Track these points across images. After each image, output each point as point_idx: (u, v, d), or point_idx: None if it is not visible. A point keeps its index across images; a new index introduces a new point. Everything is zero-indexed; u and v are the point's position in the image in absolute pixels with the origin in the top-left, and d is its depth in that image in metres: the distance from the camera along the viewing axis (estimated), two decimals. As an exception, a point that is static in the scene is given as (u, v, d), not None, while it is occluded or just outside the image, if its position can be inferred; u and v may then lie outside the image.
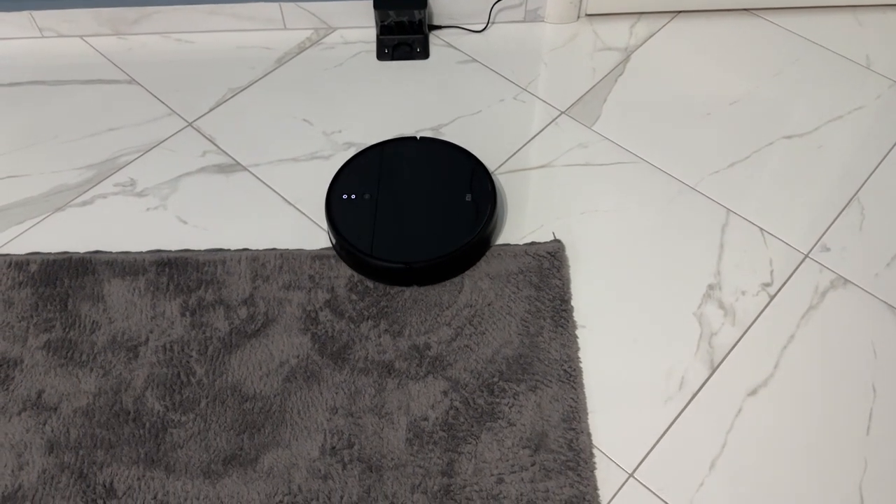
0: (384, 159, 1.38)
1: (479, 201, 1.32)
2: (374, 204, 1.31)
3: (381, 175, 1.35)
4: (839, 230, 1.35)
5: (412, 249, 1.26)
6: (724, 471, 1.10)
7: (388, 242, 1.27)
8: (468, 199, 1.32)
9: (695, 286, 1.28)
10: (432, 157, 1.39)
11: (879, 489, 1.08)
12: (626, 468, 1.10)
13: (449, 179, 1.35)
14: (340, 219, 1.29)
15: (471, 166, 1.37)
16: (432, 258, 1.25)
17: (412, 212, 1.31)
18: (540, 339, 1.22)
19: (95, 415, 1.13)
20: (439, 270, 1.27)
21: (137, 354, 1.19)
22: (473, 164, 1.38)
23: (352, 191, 1.33)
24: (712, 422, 1.14)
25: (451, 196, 1.33)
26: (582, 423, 1.14)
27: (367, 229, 1.28)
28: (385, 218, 1.30)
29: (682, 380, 1.18)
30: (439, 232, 1.28)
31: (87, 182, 1.41)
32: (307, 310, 1.24)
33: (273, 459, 1.09)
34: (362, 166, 1.37)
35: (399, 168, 1.37)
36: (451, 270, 1.28)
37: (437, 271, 1.27)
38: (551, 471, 1.09)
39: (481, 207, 1.31)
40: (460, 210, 1.31)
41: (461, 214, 1.30)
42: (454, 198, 1.33)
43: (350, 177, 1.36)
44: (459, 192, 1.33)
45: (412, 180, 1.35)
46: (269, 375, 1.17)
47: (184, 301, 1.25)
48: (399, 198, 1.32)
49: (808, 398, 1.16)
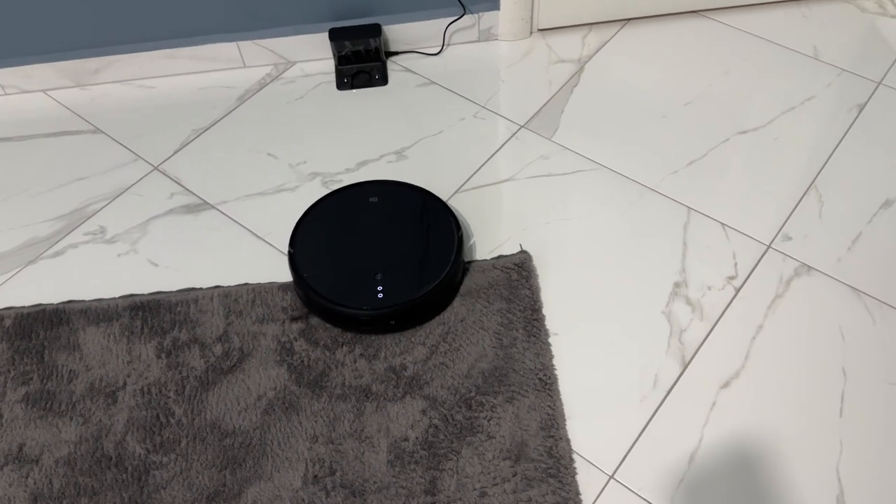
0: (341, 209, 1.35)
1: (442, 243, 1.30)
2: (336, 260, 1.29)
3: (340, 228, 1.33)
4: (799, 219, 1.38)
5: (377, 298, 1.24)
6: (703, 464, 1.11)
7: (354, 294, 1.24)
8: (428, 243, 1.30)
9: (661, 285, 1.30)
10: (389, 202, 1.36)
11: (856, 470, 1.09)
12: (607, 470, 1.11)
13: (409, 223, 1.33)
14: (308, 281, 1.26)
15: (431, 205, 1.36)
16: (397, 304, 1.23)
17: (376, 261, 1.28)
18: (514, 351, 1.24)
19: (77, 463, 1.13)
20: (411, 315, 1.26)
21: (116, 400, 1.20)
22: (433, 204, 1.36)
23: (311, 257, 1.29)
24: (688, 417, 1.16)
25: (412, 240, 1.31)
26: (560, 430, 1.15)
27: (334, 284, 1.25)
28: (349, 270, 1.27)
29: (656, 378, 1.20)
30: (408, 276, 1.26)
31: (58, 233, 1.42)
32: (282, 341, 1.25)
33: (256, 493, 1.10)
34: (320, 219, 1.34)
35: (357, 217, 1.34)
36: (424, 315, 1.27)
37: (409, 316, 1.26)
38: (533, 479, 1.10)
39: (444, 249, 1.29)
40: (425, 253, 1.29)
41: (426, 257, 1.29)
42: (416, 241, 1.31)
43: (308, 238, 1.32)
44: (420, 235, 1.32)
45: (372, 229, 1.33)
46: (247, 410, 1.18)
47: (159, 343, 1.26)
48: (362, 248, 1.30)
49: (780, 386, 1.18)
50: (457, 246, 1.29)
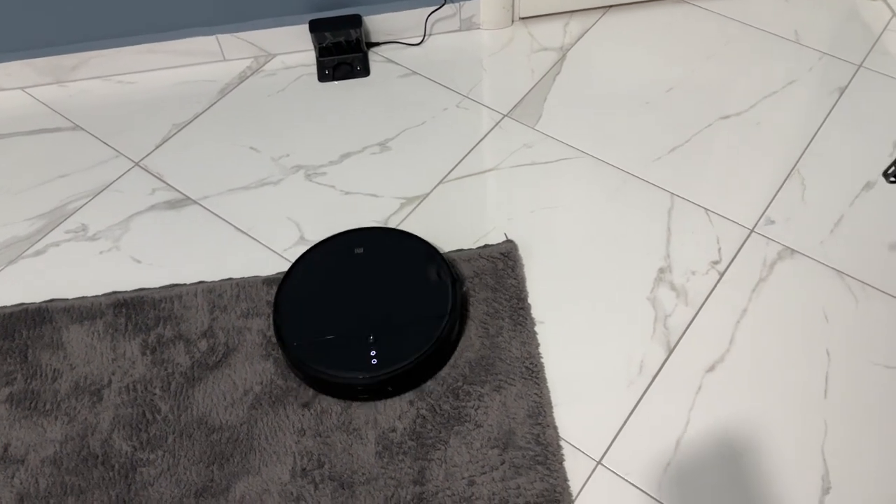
0: (324, 265, 1.26)
1: (435, 294, 1.21)
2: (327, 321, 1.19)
3: (325, 286, 1.23)
4: (782, 202, 1.38)
5: (371, 365, 1.15)
6: (689, 448, 1.12)
7: (345, 361, 1.15)
8: (421, 296, 1.21)
9: (646, 271, 1.30)
10: (375, 252, 1.27)
11: (840, 450, 1.10)
12: (594, 456, 1.12)
13: (398, 274, 1.24)
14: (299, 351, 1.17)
15: (421, 253, 1.27)
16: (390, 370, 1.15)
17: (367, 321, 1.19)
18: (500, 340, 1.24)
19: (63, 462, 1.13)
20: (409, 379, 1.18)
21: (101, 398, 1.19)
22: (422, 251, 1.27)
23: (301, 320, 1.20)
24: (674, 402, 1.16)
25: (404, 294, 1.22)
26: (548, 418, 1.16)
27: (325, 352, 1.16)
28: (339, 334, 1.18)
29: (642, 364, 1.20)
30: (403, 336, 1.17)
31: (39, 232, 1.41)
32: (267, 335, 1.25)
33: (245, 487, 1.10)
34: (303, 279, 1.24)
35: (342, 273, 1.24)
36: (423, 376, 1.19)
37: (407, 380, 1.18)
38: (521, 467, 1.11)
39: (439, 301, 1.20)
40: (418, 307, 1.20)
41: (420, 312, 1.19)
42: (408, 295, 1.22)
43: (294, 302, 1.22)
44: (411, 287, 1.22)
45: (360, 285, 1.23)
46: (234, 405, 1.18)
47: (143, 340, 1.25)
48: (351, 308, 1.20)
49: (765, 369, 1.19)
50: (452, 297, 1.21)
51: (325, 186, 1.45)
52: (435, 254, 1.27)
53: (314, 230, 1.38)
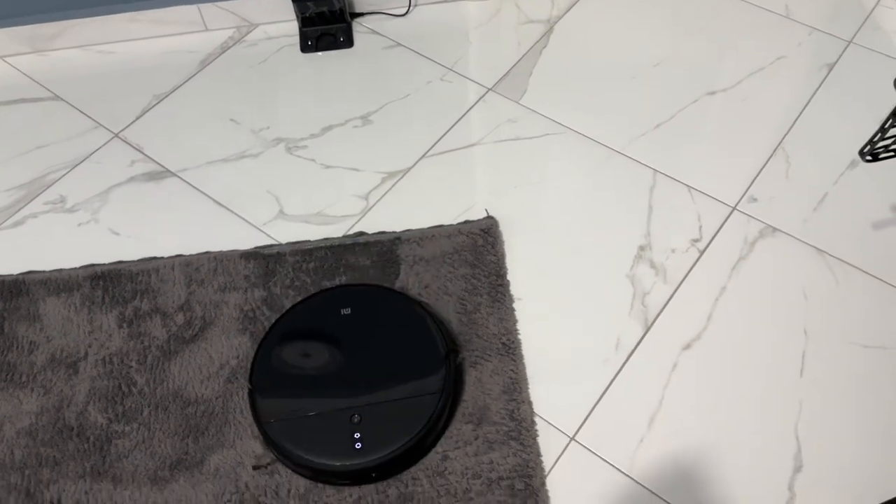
0: (308, 326, 1.16)
1: (428, 365, 1.12)
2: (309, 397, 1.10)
3: (308, 352, 1.13)
4: (766, 180, 1.37)
5: (354, 450, 1.06)
6: (662, 425, 1.12)
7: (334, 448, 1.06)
8: (413, 367, 1.11)
9: (626, 249, 1.30)
10: (364, 313, 1.17)
11: (814, 429, 1.11)
12: (568, 432, 1.12)
13: (389, 342, 1.14)
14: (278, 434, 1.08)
15: (414, 316, 1.16)
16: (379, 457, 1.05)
17: (352, 397, 1.09)
18: (478, 316, 1.23)
19: (39, 434, 1.13)
20: (396, 466, 1.09)
21: (77, 370, 1.19)
22: (416, 313, 1.17)
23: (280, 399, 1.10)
24: (649, 379, 1.16)
25: (394, 366, 1.12)
26: (523, 394, 1.16)
27: (304, 432, 1.07)
28: (320, 412, 1.08)
29: (618, 341, 1.20)
30: (391, 416, 1.08)
31: (17, 203, 1.40)
32: (244, 309, 1.25)
33: (219, 460, 1.10)
34: (284, 341, 1.15)
35: (327, 337, 1.15)
36: (410, 460, 1.09)
37: (394, 467, 1.09)
38: (494, 442, 1.11)
39: (432, 374, 1.11)
40: (409, 382, 1.10)
41: (411, 387, 1.10)
42: (399, 367, 1.12)
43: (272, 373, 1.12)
44: (403, 358, 1.13)
45: (346, 353, 1.13)
46: (210, 378, 1.18)
47: (120, 313, 1.25)
48: (335, 380, 1.11)
49: (742, 347, 1.19)
50: (446, 371, 1.11)
51: (306, 160, 1.44)
52: (429, 319, 1.16)
53: (294, 204, 1.37)
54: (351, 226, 1.35)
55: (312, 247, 1.31)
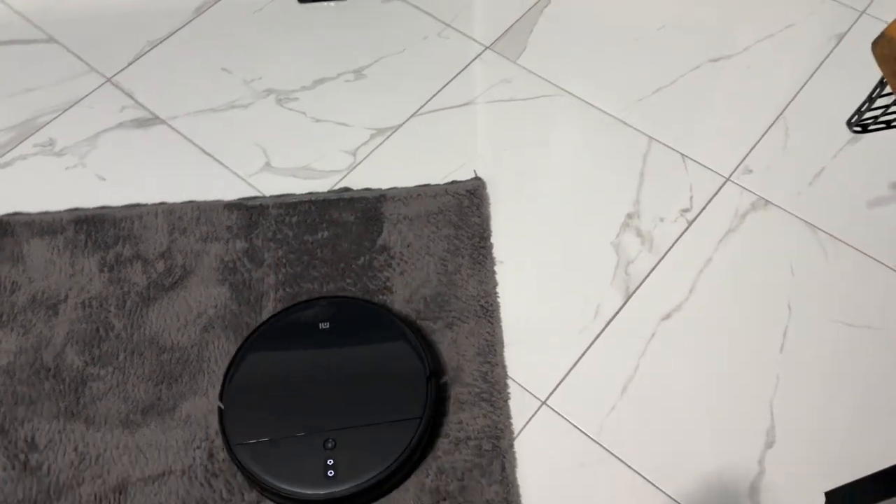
0: (284, 340, 1.10)
1: (410, 389, 1.05)
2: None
3: (282, 369, 1.08)
4: (763, 151, 1.34)
5: (327, 477, 1.00)
6: (635, 394, 1.11)
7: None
8: (393, 389, 1.05)
9: (613, 216, 1.27)
10: (343, 328, 1.10)
11: (790, 405, 1.09)
12: (540, 396, 1.11)
13: (368, 360, 1.08)
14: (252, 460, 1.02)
15: (396, 333, 1.10)
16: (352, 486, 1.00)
17: (326, 420, 1.04)
18: (458, 277, 1.22)
19: (16, 373, 1.14)
20: (371, 494, 1.03)
21: (57, 312, 1.20)
22: (399, 330, 1.10)
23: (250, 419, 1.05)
24: (625, 348, 1.15)
25: (373, 386, 1.06)
26: (497, 357, 1.15)
27: (275, 457, 1.01)
28: (293, 436, 1.03)
29: (598, 308, 1.19)
30: (368, 443, 1.02)
31: (7, 144, 1.40)
32: (225, 260, 1.24)
33: (191, 407, 1.11)
34: (258, 356, 1.09)
35: (303, 354, 1.09)
36: (388, 489, 1.04)
37: (369, 496, 1.03)
38: (465, 403, 1.11)
39: (413, 399, 1.05)
40: (388, 405, 1.04)
41: (391, 411, 1.04)
42: (378, 388, 1.06)
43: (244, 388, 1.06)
44: (382, 378, 1.06)
45: (322, 371, 1.07)
46: (186, 326, 1.18)
47: (102, 257, 1.25)
48: (309, 401, 1.05)
49: (723, 319, 1.17)
50: (427, 395, 1.05)
51: (296, 112, 1.42)
52: (412, 336, 1.10)
53: (281, 157, 1.36)
54: (337, 181, 1.33)
55: (297, 200, 1.30)
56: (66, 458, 1.07)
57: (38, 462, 1.07)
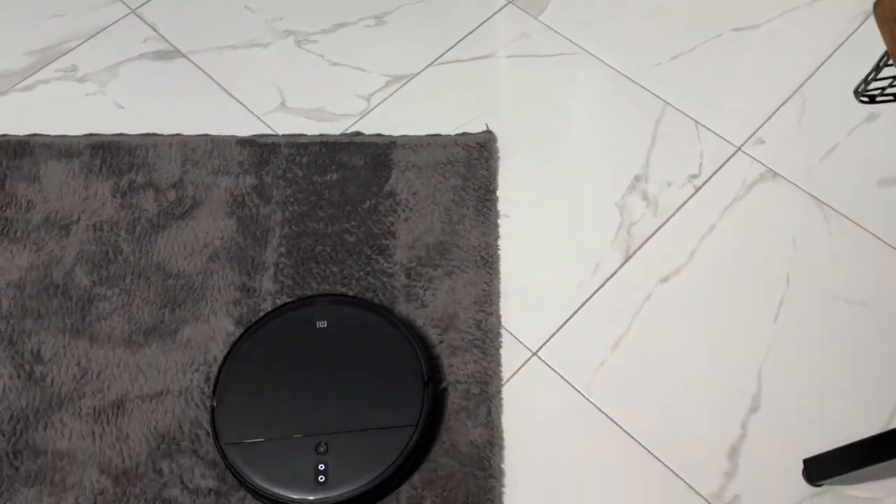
0: (280, 338, 1.08)
1: (406, 394, 1.03)
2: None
3: (277, 368, 1.05)
4: (777, 124, 1.33)
5: (317, 483, 0.98)
6: (626, 352, 1.12)
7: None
8: (389, 393, 1.03)
9: (621, 177, 1.28)
10: (341, 328, 1.08)
11: (778, 374, 1.10)
12: (531, 347, 1.13)
13: (364, 362, 1.05)
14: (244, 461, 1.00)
15: (394, 335, 1.08)
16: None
17: (320, 422, 1.01)
18: (461, 227, 1.24)
19: (27, 288, 1.18)
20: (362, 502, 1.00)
21: (69, 232, 1.23)
22: (396, 333, 1.08)
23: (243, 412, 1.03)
24: (620, 306, 1.16)
25: (368, 390, 1.04)
26: (493, 306, 1.17)
27: (265, 459, 0.99)
28: (285, 438, 1.00)
29: (597, 266, 1.20)
30: (361, 448, 1.00)
31: (30, 68, 1.43)
32: (234, 194, 1.27)
33: (191, 332, 1.14)
34: (254, 354, 1.07)
35: (299, 352, 1.06)
36: (380, 495, 1.01)
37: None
38: (458, 349, 1.13)
39: (409, 405, 1.02)
40: (383, 410, 1.02)
41: (385, 417, 1.01)
42: (373, 391, 1.04)
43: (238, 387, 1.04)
44: (378, 381, 1.04)
45: (317, 371, 1.05)
46: (193, 255, 1.21)
47: (115, 183, 1.28)
48: (303, 402, 1.03)
49: (720, 286, 1.17)
50: (423, 402, 1.03)
51: (314, 55, 1.43)
52: (411, 340, 1.07)
53: (296, 98, 1.37)
54: (349, 125, 1.35)
55: (308, 141, 1.32)
56: (68, 371, 1.11)
57: (43, 373, 1.11)
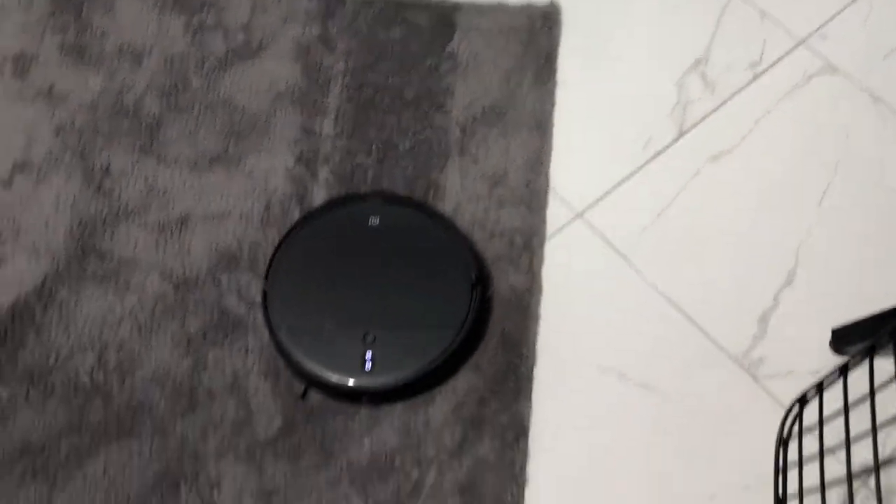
0: (332, 232, 1.09)
1: (454, 295, 1.04)
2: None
3: (328, 260, 1.07)
4: (843, 21, 1.31)
5: (364, 370, 1.01)
6: (667, 221, 1.16)
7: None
8: (436, 293, 1.05)
9: (682, 58, 1.28)
10: (393, 227, 1.09)
11: (816, 254, 1.13)
12: (577, 209, 1.17)
13: (414, 261, 1.07)
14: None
15: (446, 239, 1.09)
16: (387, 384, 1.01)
17: (368, 313, 1.04)
18: (518, 92, 1.26)
19: (99, 109, 1.23)
20: (406, 392, 1.03)
21: (140, 63, 1.28)
22: (449, 237, 1.09)
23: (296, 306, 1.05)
24: (668, 180, 1.19)
25: (416, 287, 1.06)
26: (543, 167, 1.20)
27: (314, 342, 1.02)
28: (334, 324, 1.03)
29: (649, 139, 1.22)
30: (407, 340, 1.02)
31: None
32: (300, 42, 1.30)
33: (254, 163, 1.19)
34: (306, 245, 1.08)
35: (351, 247, 1.08)
36: (424, 387, 1.04)
37: (404, 393, 1.04)
38: (505, 203, 1.17)
39: (456, 305, 1.04)
40: (430, 307, 1.04)
41: (432, 314, 1.04)
42: (421, 289, 1.06)
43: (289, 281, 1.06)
44: (427, 280, 1.06)
45: (368, 266, 1.07)
46: (258, 95, 1.25)
47: (187, 20, 1.31)
48: (352, 293, 1.05)
49: (768, 169, 1.19)
50: (469, 305, 1.04)
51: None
52: (462, 244, 1.09)
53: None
54: (417, -13, 1.36)
55: (375, -3, 1.35)
56: (136, 187, 1.17)
57: (111, 187, 1.17)
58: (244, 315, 1.08)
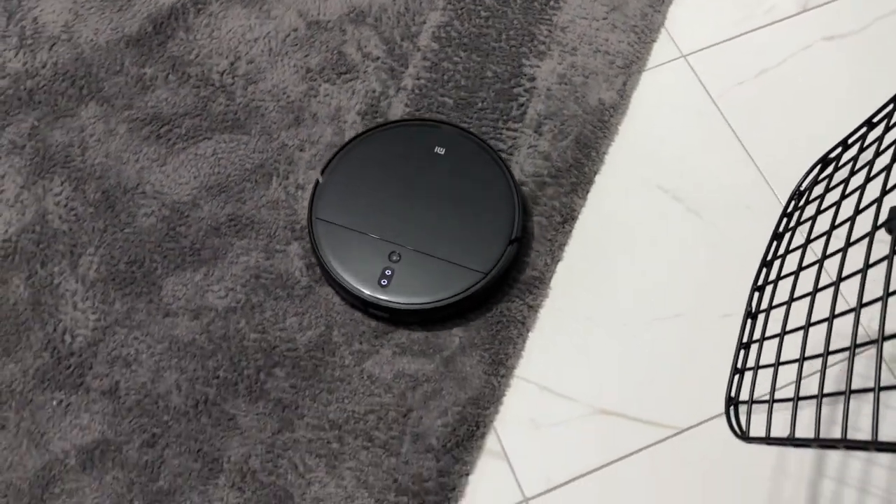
0: (397, 150, 1.11)
1: (490, 245, 1.05)
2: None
3: (385, 175, 1.09)
4: None
5: (378, 285, 1.02)
6: (767, 82, 1.20)
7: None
8: (474, 237, 1.05)
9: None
10: (457, 162, 1.10)
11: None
12: (683, 51, 1.23)
13: (464, 199, 1.08)
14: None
15: (504, 190, 1.08)
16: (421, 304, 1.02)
17: (403, 234, 1.05)
18: (659, -63, 1.31)
19: None
20: (413, 319, 1.05)
21: None
22: (507, 189, 1.08)
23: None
24: (778, 46, 1.23)
25: (459, 225, 1.06)
26: (664, 4, 1.26)
27: (342, 244, 1.05)
28: (368, 234, 1.05)
29: (773, 6, 1.25)
30: (429, 272, 1.03)
31: None
32: None
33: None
34: (367, 155, 1.10)
35: (410, 169, 1.09)
36: (435, 320, 1.05)
37: (410, 319, 1.05)
38: (618, 27, 1.24)
39: (488, 254, 1.04)
40: (464, 250, 1.04)
41: (463, 256, 1.04)
42: (462, 229, 1.06)
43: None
44: (470, 221, 1.06)
45: (420, 192, 1.08)
46: None
47: None
48: (396, 211, 1.07)
49: (881, 58, 1.21)
50: (500, 257, 1.04)
51: None
52: (515, 197, 1.08)
53: None
54: None
55: None
56: None
57: None
58: (359, 63, 1.21)
